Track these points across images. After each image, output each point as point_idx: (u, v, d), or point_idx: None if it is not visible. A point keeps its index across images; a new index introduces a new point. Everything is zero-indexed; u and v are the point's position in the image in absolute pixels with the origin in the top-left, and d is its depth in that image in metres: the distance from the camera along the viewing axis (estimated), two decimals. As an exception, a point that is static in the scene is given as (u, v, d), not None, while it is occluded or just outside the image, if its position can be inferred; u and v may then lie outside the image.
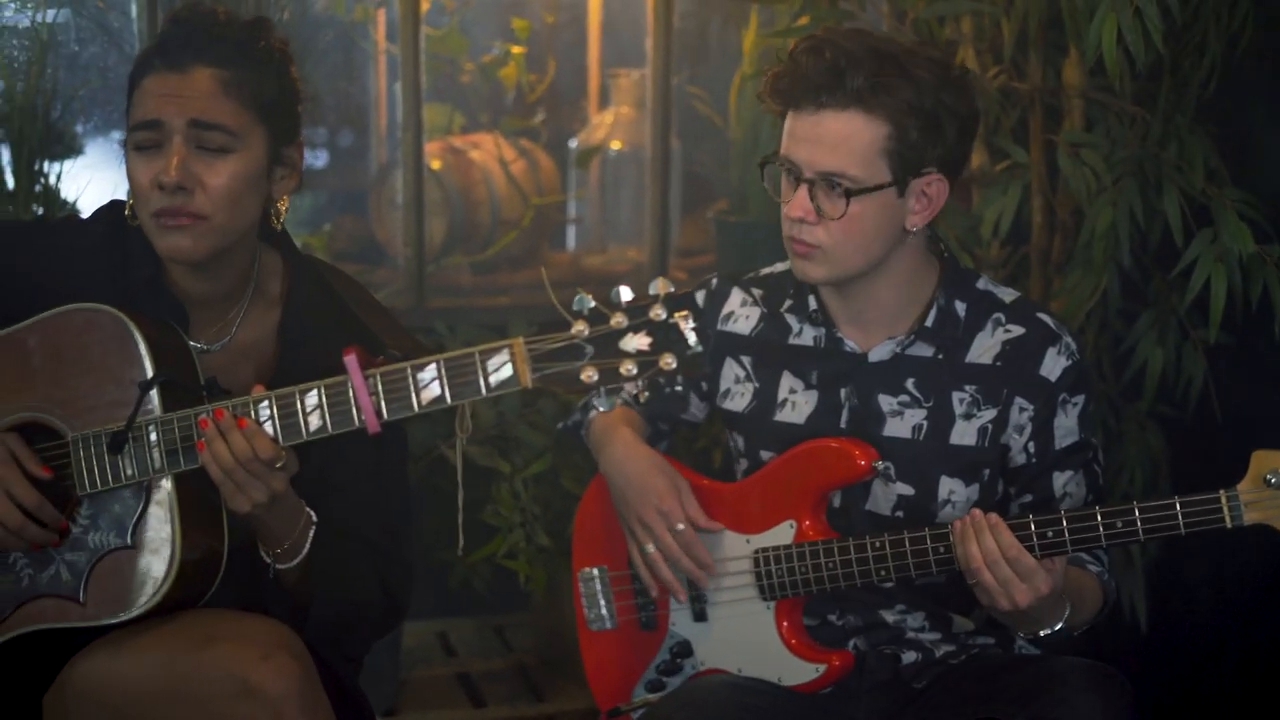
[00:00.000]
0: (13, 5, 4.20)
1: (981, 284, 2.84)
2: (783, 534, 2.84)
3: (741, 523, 2.89)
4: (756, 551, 2.85)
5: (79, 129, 4.18)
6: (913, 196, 2.69)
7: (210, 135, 2.45)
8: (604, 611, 3.04)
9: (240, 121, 2.47)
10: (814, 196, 2.67)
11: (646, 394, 2.25)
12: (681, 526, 2.84)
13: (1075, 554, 2.68)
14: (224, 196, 2.47)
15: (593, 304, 2.23)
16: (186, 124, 2.44)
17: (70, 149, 4.03)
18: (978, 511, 2.60)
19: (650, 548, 2.87)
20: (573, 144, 4.98)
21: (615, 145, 4.90)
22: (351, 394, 2.36)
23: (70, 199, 3.99)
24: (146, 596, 2.44)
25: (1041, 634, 2.69)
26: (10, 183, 3.89)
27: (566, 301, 2.25)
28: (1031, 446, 2.77)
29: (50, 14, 4.13)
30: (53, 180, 3.94)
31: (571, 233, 5.13)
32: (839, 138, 2.64)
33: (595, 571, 3.05)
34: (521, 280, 4.71)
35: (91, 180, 3.98)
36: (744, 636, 2.89)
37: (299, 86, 2.59)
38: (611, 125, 4.91)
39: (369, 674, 2.82)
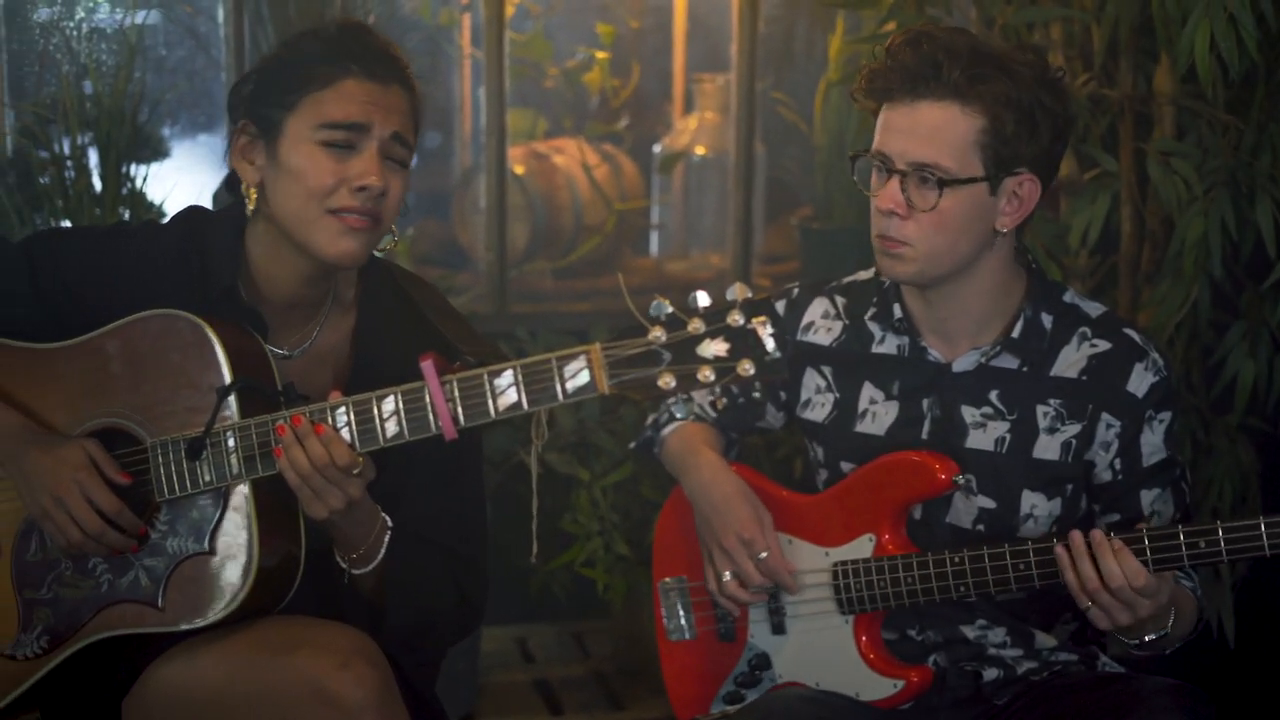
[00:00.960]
0: (105, 7, 4.24)
1: (1068, 297, 2.80)
2: (862, 547, 2.82)
3: (820, 535, 2.87)
4: (835, 565, 2.83)
5: (166, 132, 4.22)
6: (1004, 196, 2.66)
7: (400, 150, 2.50)
8: (683, 622, 3.03)
9: (414, 138, 2.54)
10: (905, 189, 2.64)
11: (724, 400, 2.23)
12: (765, 554, 2.83)
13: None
14: (395, 206, 2.53)
15: (670, 310, 2.21)
16: (389, 135, 2.48)
17: (157, 152, 4.05)
18: (1078, 535, 2.57)
19: (728, 575, 2.85)
20: (656, 149, 4.97)
21: (699, 151, 4.89)
22: (428, 400, 2.35)
23: (157, 202, 4.02)
24: (224, 602, 2.44)
25: (1146, 639, 2.65)
26: (98, 186, 3.92)
27: (645, 308, 2.23)
28: (1118, 464, 2.73)
29: (139, 17, 4.16)
30: (139, 183, 3.97)
31: (654, 239, 5.11)
32: (934, 128, 2.62)
33: (675, 582, 3.04)
34: (603, 286, 4.70)
35: (178, 183, 4.02)
36: (822, 650, 2.87)
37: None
38: (695, 131, 4.89)
39: (447, 679, 2.82)
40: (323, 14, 4.09)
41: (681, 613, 3.03)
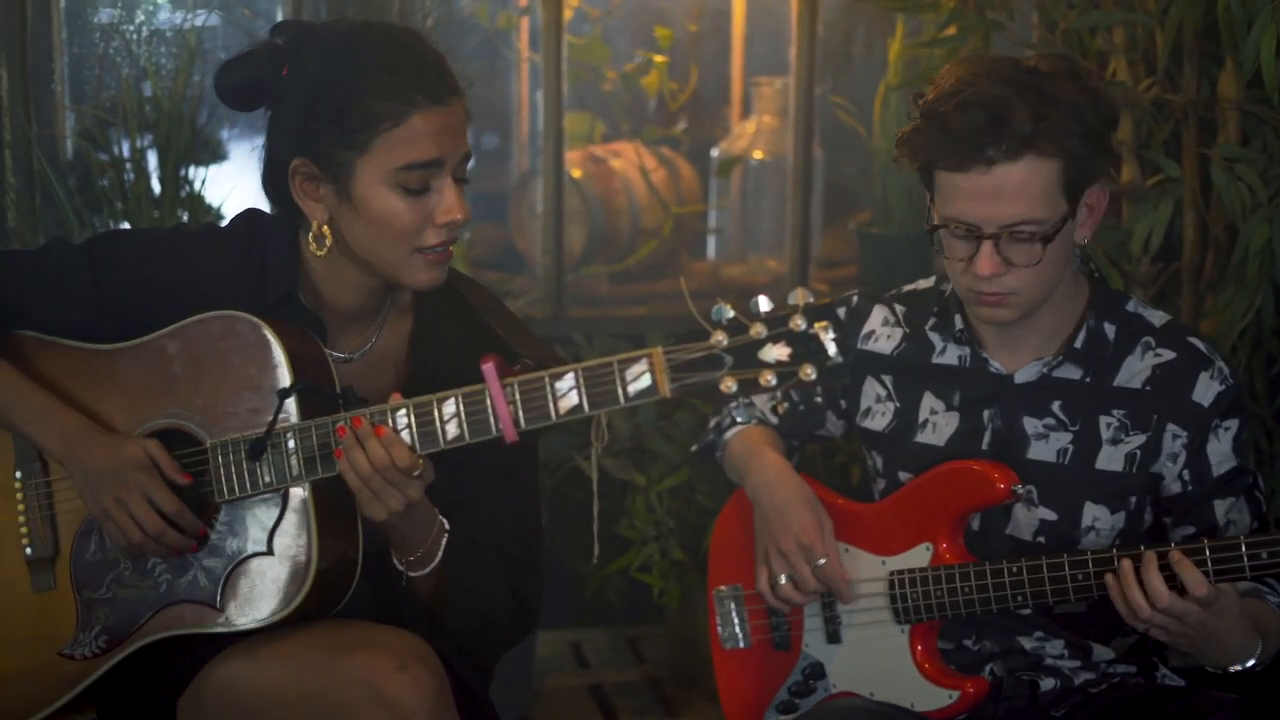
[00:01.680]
0: (164, 10, 4.26)
1: (1131, 306, 2.78)
2: (919, 556, 2.80)
3: (877, 544, 2.85)
4: (892, 574, 2.81)
5: (224, 135, 4.23)
6: (1080, 213, 2.64)
7: (465, 167, 2.49)
8: (737, 630, 3.02)
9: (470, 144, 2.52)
10: (999, 249, 2.60)
11: (784, 405, 2.22)
12: (823, 561, 2.81)
13: (1254, 585, 2.61)
14: (468, 220, 2.51)
15: (731, 314, 2.20)
16: (460, 159, 2.46)
17: (216, 155, 4.07)
18: (1128, 564, 2.55)
19: (783, 579, 2.84)
20: (714, 153, 4.96)
21: (757, 155, 4.87)
22: (489, 403, 2.34)
23: (215, 204, 4.04)
24: (282, 603, 2.44)
25: (1232, 669, 2.61)
26: (157, 188, 3.95)
27: (705, 311, 2.23)
28: (1186, 474, 2.70)
29: (199, 20, 4.18)
30: (198, 186, 3.99)
31: (711, 243, 5.10)
32: (1019, 187, 2.56)
33: (730, 590, 3.02)
34: (660, 290, 4.70)
35: (236, 186, 4.03)
36: (878, 660, 2.85)
37: None
38: (753, 134, 4.88)
39: (501, 683, 2.81)
40: (381, 18, 4.10)
41: (736, 621, 3.02)
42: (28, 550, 2.58)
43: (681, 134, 5.03)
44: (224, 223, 2.69)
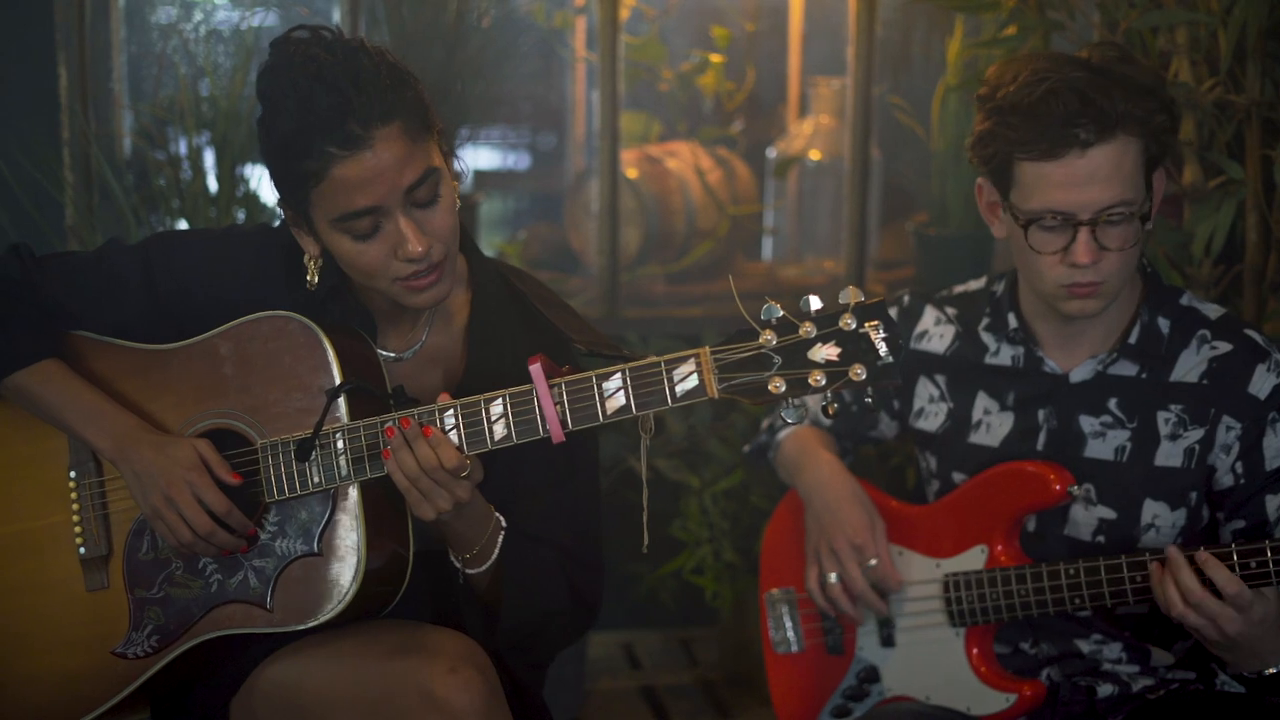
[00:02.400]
0: (222, 10, 4.27)
1: (1185, 300, 2.75)
2: (974, 559, 2.78)
3: (932, 546, 2.84)
4: (947, 576, 2.80)
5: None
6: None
7: (425, 190, 2.40)
8: (790, 634, 3.00)
9: (429, 155, 2.42)
10: (1095, 236, 2.58)
11: (835, 406, 2.20)
12: (874, 562, 2.80)
13: None
14: (451, 233, 2.45)
15: (781, 313, 2.19)
16: (404, 193, 2.38)
17: (271, 153, 4.06)
18: (1175, 550, 2.52)
19: (833, 578, 2.83)
20: (771, 153, 4.93)
21: (814, 155, 4.84)
22: (536, 403, 2.33)
23: (270, 203, 4.05)
24: (332, 604, 2.44)
25: (1267, 673, 2.58)
26: (213, 186, 3.96)
27: (759, 309, 2.21)
28: (1239, 467, 2.67)
29: (256, 19, 4.19)
30: (254, 184, 3.99)
31: (767, 243, 5.07)
32: (1113, 169, 2.56)
33: (782, 593, 3.02)
34: (716, 290, 4.67)
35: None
36: (933, 663, 2.84)
37: (418, 80, 2.45)
38: (811, 135, 4.85)
39: (553, 683, 2.81)
40: (437, 17, 4.10)
41: (789, 624, 3.01)
42: (81, 549, 2.59)
43: (738, 134, 5.00)
44: (277, 223, 2.69)
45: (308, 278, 2.51)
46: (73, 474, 2.61)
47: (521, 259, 4.67)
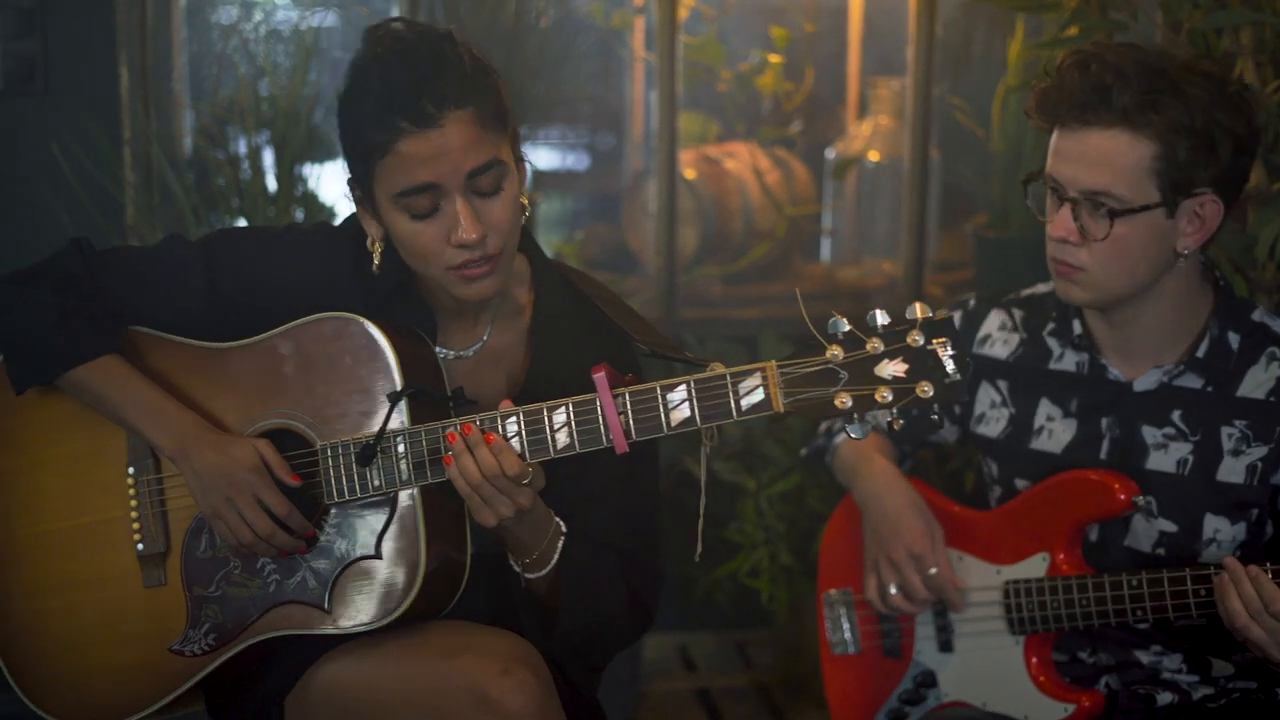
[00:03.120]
0: (282, 9, 4.28)
1: (1257, 315, 2.72)
2: (1035, 566, 2.76)
3: (992, 552, 2.82)
4: (1007, 583, 2.78)
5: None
6: (1184, 218, 2.59)
7: (487, 178, 2.41)
8: (847, 636, 2.99)
9: (498, 149, 2.43)
10: (1078, 216, 2.59)
11: (901, 422, 2.19)
12: (934, 571, 2.78)
13: None
14: (510, 227, 2.44)
15: (848, 327, 2.19)
16: (465, 177, 2.39)
17: (330, 153, 4.09)
18: (1232, 561, 2.49)
19: (893, 588, 2.81)
20: (830, 154, 4.91)
21: (873, 156, 4.82)
22: (600, 413, 2.33)
23: (329, 202, 4.06)
24: (390, 607, 2.44)
25: None
26: (272, 186, 3.97)
27: (820, 315, 2.21)
28: None
29: (316, 19, 4.20)
30: (313, 183, 4.00)
31: (826, 245, 5.05)
32: (1104, 156, 2.56)
33: (840, 594, 3.01)
34: (773, 292, 4.66)
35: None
36: (991, 670, 2.82)
37: (502, 80, 2.48)
38: (870, 136, 4.82)
39: (608, 685, 2.80)
40: (495, 18, 4.10)
41: (846, 626, 2.99)
42: (140, 546, 2.60)
43: (796, 135, 4.99)
44: (337, 221, 2.70)
45: (374, 264, 2.52)
46: (131, 470, 2.61)
47: (579, 259, 4.66)
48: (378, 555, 2.46)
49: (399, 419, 2.44)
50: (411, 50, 2.38)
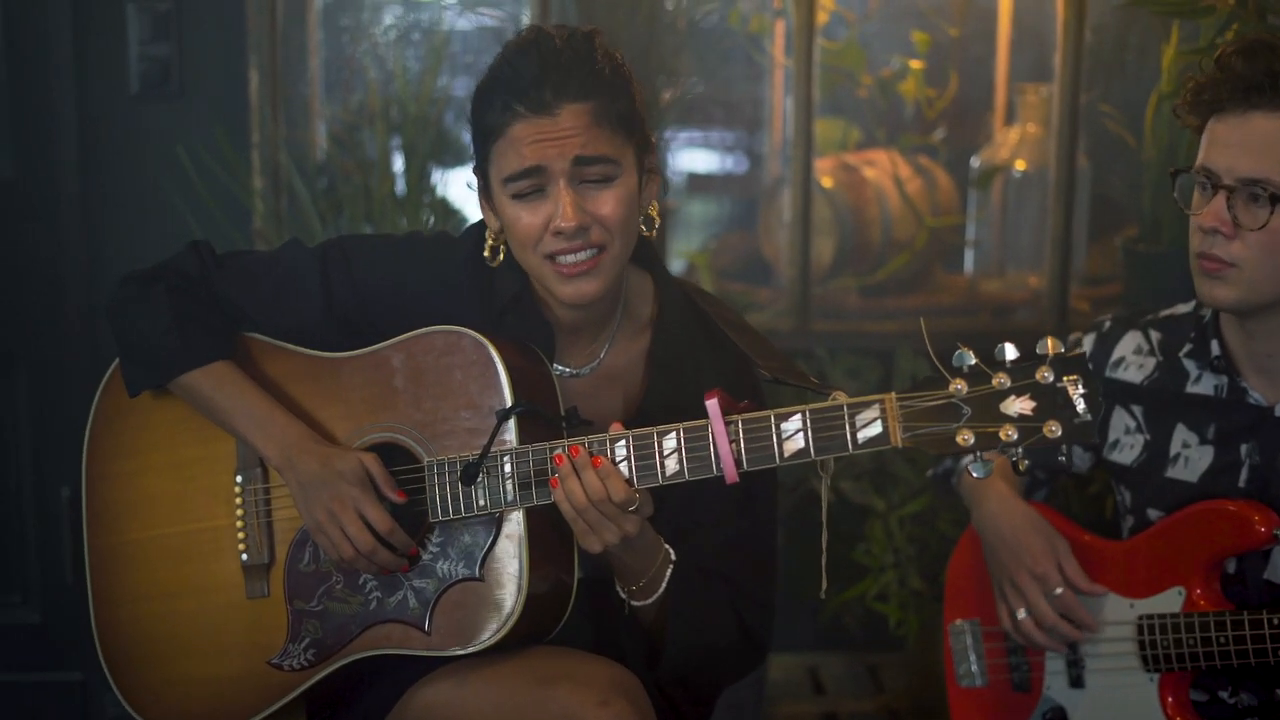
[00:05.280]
0: (413, 14, 4.28)
1: None
2: (1170, 601, 2.67)
3: (1125, 585, 2.75)
4: (1140, 618, 2.71)
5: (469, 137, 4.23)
6: None
7: (596, 168, 2.39)
8: (974, 668, 2.92)
9: (614, 146, 2.41)
10: (1231, 206, 2.49)
11: (1026, 463, 2.09)
12: (1059, 591, 2.69)
13: None
14: (618, 223, 2.41)
15: (973, 361, 2.14)
16: (570, 163, 2.38)
17: (460, 157, 4.09)
18: None
19: (1022, 614, 2.71)
20: (974, 162, 4.79)
21: (1019, 165, 4.69)
22: (711, 441, 2.28)
23: (459, 206, 4.04)
24: (490, 632, 2.41)
25: None
26: (402, 189, 3.96)
27: (958, 331, 2.13)
28: None
29: (446, 23, 4.19)
30: (443, 188, 3.99)
31: (969, 256, 4.93)
32: (1267, 141, 2.47)
33: (967, 625, 2.95)
34: (911, 305, 4.56)
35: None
36: (1124, 708, 2.75)
37: (639, 88, 2.50)
38: (1017, 144, 4.70)
39: (731, 708, 2.74)
40: (631, 19, 4.06)
41: (973, 657, 2.93)
42: (244, 556, 2.59)
43: (939, 143, 4.87)
44: (461, 231, 2.67)
45: (490, 257, 2.51)
46: (239, 479, 2.61)
47: (711, 268, 4.60)
48: (480, 578, 2.43)
49: (507, 437, 2.39)
50: (546, 44, 2.40)
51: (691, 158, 5.11)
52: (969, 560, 2.95)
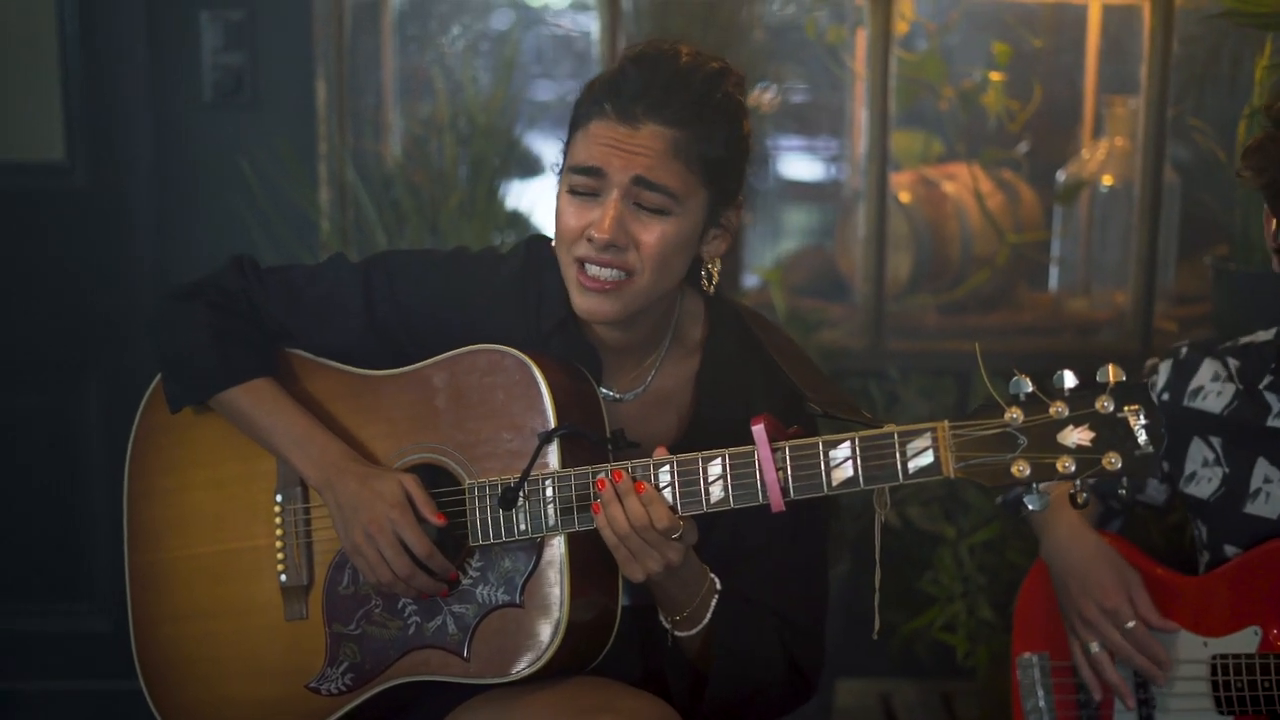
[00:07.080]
0: (483, 24, 4.24)
1: None
2: (1246, 641, 2.59)
3: (1199, 623, 2.66)
4: (1214, 657, 2.62)
5: (540, 149, 4.19)
6: None
7: (653, 196, 2.33)
8: (1042, 704, 2.85)
9: (684, 184, 2.34)
10: None
11: (1084, 495, 2.00)
12: (1131, 625, 2.58)
13: None
14: (654, 257, 2.35)
15: (1030, 388, 2.06)
16: (630, 180, 2.32)
17: (531, 169, 4.05)
18: None
19: (1095, 647, 2.61)
20: (1060, 177, 4.68)
21: (1106, 180, 4.57)
22: (757, 468, 2.21)
23: (529, 215, 4.01)
24: (531, 659, 2.35)
25: None
26: (473, 201, 3.92)
27: (1041, 351, 2.05)
28: None
29: (517, 34, 4.16)
30: (513, 199, 3.94)
31: (1053, 273, 4.81)
32: None
33: (1035, 658, 2.87)
34: (992, 324, 4.46)
35: (552, 200, 3.98)
36: (1197, 753, 2.61)
37: (749, 143, 2.43)
38: (1104, 158, 4.57)
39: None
40: (706, 32, 4.01)
41: (1040, 693, 2.85)
42: (283, 577, 2.54)
43: (1022, 156, 4.76)
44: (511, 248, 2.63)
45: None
46: (279, 499, 2.56)
47: (783, 284, 4.51)
48: (520, 604, 2.36)
49: (550, 460, 2.34)
50: (666, 61, 2.36)
51: (771, 169, 5.03)
52: (1039, 591, 2.86)
